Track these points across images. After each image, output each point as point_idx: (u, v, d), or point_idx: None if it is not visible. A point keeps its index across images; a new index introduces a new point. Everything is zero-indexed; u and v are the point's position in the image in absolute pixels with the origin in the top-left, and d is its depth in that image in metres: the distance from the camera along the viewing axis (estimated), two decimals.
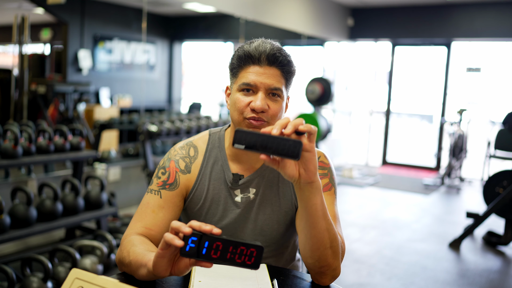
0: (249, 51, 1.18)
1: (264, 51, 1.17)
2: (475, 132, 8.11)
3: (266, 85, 1.16)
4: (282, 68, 1.18)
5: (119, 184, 4.32)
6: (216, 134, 1.32)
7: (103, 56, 6.54)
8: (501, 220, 4.53)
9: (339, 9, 7.03)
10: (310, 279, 1.16)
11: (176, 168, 1.26)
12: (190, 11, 6.84)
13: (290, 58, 1.20)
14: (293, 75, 1.22)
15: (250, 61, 1.18)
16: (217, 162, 1.28)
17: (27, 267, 2.45)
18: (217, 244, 0.84)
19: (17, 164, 2.82)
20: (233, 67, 1.22)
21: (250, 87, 1.17)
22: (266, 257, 1.30)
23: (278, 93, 1.18)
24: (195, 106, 7.45)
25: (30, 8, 5.63)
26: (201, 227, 0.84)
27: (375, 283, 3.17)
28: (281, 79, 1.18)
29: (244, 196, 1.26)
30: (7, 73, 4.75)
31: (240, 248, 0.84)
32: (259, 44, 1.19)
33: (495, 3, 6.36)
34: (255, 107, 1.15)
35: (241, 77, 1.19)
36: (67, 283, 0.83)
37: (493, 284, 3.26)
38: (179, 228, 0.84)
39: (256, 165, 1.27)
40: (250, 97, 1.17)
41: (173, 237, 0.84)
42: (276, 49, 1.18)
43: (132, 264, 1.05)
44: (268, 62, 1.17)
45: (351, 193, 5.83)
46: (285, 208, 1.27)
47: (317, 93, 5.96)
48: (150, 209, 1.21)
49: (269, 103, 1.17)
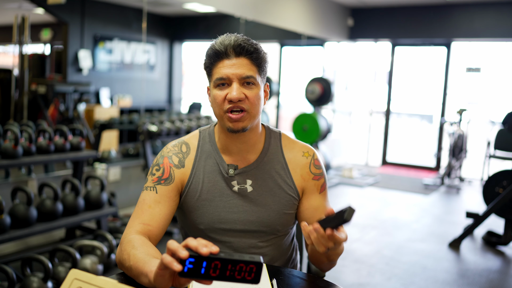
0: (215, 47, 1.22)
1: (229, 44, 1.21)
2: (475, 132, 8.11)
3: (237, 75, 1.20)
4: (250, 56, 1.22)
5: (119, 184, 4.32)
6: (206, 131, 1.36)
7: (103, 56, 6.55)
8: (501, 220, 4.53)
9: (339, 9, 7.04)
10: (309, 279, 1.17)
11: (170, 164, 1.29)
12: (190, 11, 6.85)
13: (257, 46, 1.24)
14: (264, 62, 1.25)
15: (219, 57, 1.22)
16: (210, 155, 1.31)
17: (27, 267, 2.45)
18: (215, 263, 0.82)
19: (17, 164, 2.82)
20: (206, 67, 1.27)
21: (224, 81, 1.21)
22: (264, 246, 1.32)
23: (251, 81, 1.22)
24: (195, 106, 7.45)
25: (30, 8, 5.63)
26: (197, 249, 0.82)
27: (375, 283, 3.18)
28: (252, 67, 1.22)
29: (241, 187, 1.29)
30: (7, 73, 4.76)
31: (239, 265, 0.83)
32: (223, 38, 1.23)
33: (495, 3, 6.37)
34: (231, 98, 1.19)
35: (214, 73, 1.23)
36: (66, 284, 0.83)
37: (493, 284, 3.27)
38: (176, 252, 0.82)
39: (249, 156, 1.30)
40: (226, 90, 1.21)
41: (171, 261, 0.82)
42: (240, 40, 1.22)
43: (132, 269, 1.06)
44: (236, 53, 1.21)
45: (351, 193, 5.83)
46: (282, 198, 1.30)
47: (317, 93, 5.96)
48: (147, 205, 1.23)
49: (245, 91, 1.21)
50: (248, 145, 1.29)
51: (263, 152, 1.31)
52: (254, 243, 1.31)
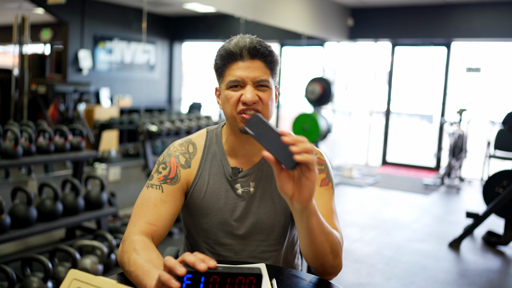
0: (230, 48, 1.20)
1: (244, 46, 1.19)
2: (475, 132, 8.11)
3: (252, 78, 1.19)
4: (265, 59, 1.21)
5: (119, 184, 4.32)
6: (213, 131, 1.35)
7: (103, 56, 6.55)
8: (501, 220, 4.53)
9: (339, 9, 7.03)
10: (309, 279, 1.17)
11: (177, 163, 1.28)
12: (190, 11, 6.84)
13: (270, 48, 1.23)
14: (276, 65, 1.24)
15: (233, 58, 1.20)
16: (216, 157, 1.31)
17: (27, 267, 2.45)
18: (214, 278, 0.81)
19: (17, 164, 2.82)
20: (217, 67, 1.24)
21: (237, 83, 1.20)
22: (267, 250, 1.31)
23: (265, 84, 1.21)
24: (195, 106, 7.46)
25: (30, 8, 5.63)
26: (195, 265, 0.80)
27: (375, 283, 3.17)
28: (266, 70, 1.21)
29: (245, 190, 1.28)
30: (7, 73, 4.75)
31: (238, 278, 0.81)
32: (238, 40, 1.21)
33: (495, 3, 6.36)
34: (246, 100, 1.18)
35: (227, 75, 1.21)
36: (65, 284, 0.83)
37: (493, 284, 3.27)
38: (173, 269, 0.80)
39: (254, 159, 1.30)
40: (240, 92, 1.20)
41: (169, 278, 0.80)
42: (255, 42, 1.21)
43: (132, 276, 1.05)
44: (250, 56, 1.19)
45: (351, 193, 5.83)
46: (284, 201, 1.28)
47: (317, 93, 5.96)
48: (152, 204, 1.21)
49: (259, 93, 1.20)
50: (255, 148, 1.28)
51: None
52: (256, 246, 1.30)
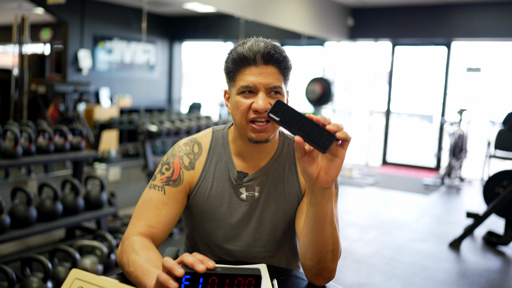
0: (243, 52, 1.15)
1: (258, 51, 1.14)
2: (475, 132, 8.11)
3: (265, 85, 1.14)
4: (279, 65, 1.16)
5: (119, 184, 4.32)
6: (219, 132, 1.31)
7: (103, 56, 6.54)
8: (501, 220, 4.53)
9: (339, 9, 7.03)
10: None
11: (181, 164, 1.25)
12: (190, 11, 6.84)
13: (285, 54, 1.18)
14: (290, 70, 1.20)
15: (245, 63, 1.15)
16: (221, 159, 1.27)
17: (27, 267, 2.45)
18: (212, 279, 0.80)
19: (17, 164, 2.82)
20: (229, 71, 1.19)
21: (249, 89, 1.15)
22: (268, 256, 1.30)
23: (278, 90, 1.16)
24: (195, 106, 7.45)
25: (30, 8, 5.62)
26: (193, 266, 0.79)
27: (375, 283, 3.17)
28: (279, 76, 1.16)
29: (249, 195, 1.25)
30: (7, 73, 4.75)
31: (237, 279, 0.81)
32: (252, 44, 1.16)
33: (495, 3, 6.36)
34: (258, 108, 1.13)
35: (238, 80, 1.17)
36: (67, 283, 0.83)
37: (493, 284, 3.26)
38: (172, 270, 0.80)
39: (261, 163, 1.26)
40: (251, 99, 1.15)
41: (167, 279, 0.79)
42: (270, 47, 1.15)
43: (131, 276, 1.04)
44: (264, 61, 1.15)
45: (351, 193, 5.83)
46: (290, 206, 1.27)
47: (317, 93, 5.96)
48: (154, 206, 1.19)
49: (271, 101, 1.15)
50: (264, 154, 1.26)
51: (273, 158, 1.27)
52: (258, 253, 1.29)
